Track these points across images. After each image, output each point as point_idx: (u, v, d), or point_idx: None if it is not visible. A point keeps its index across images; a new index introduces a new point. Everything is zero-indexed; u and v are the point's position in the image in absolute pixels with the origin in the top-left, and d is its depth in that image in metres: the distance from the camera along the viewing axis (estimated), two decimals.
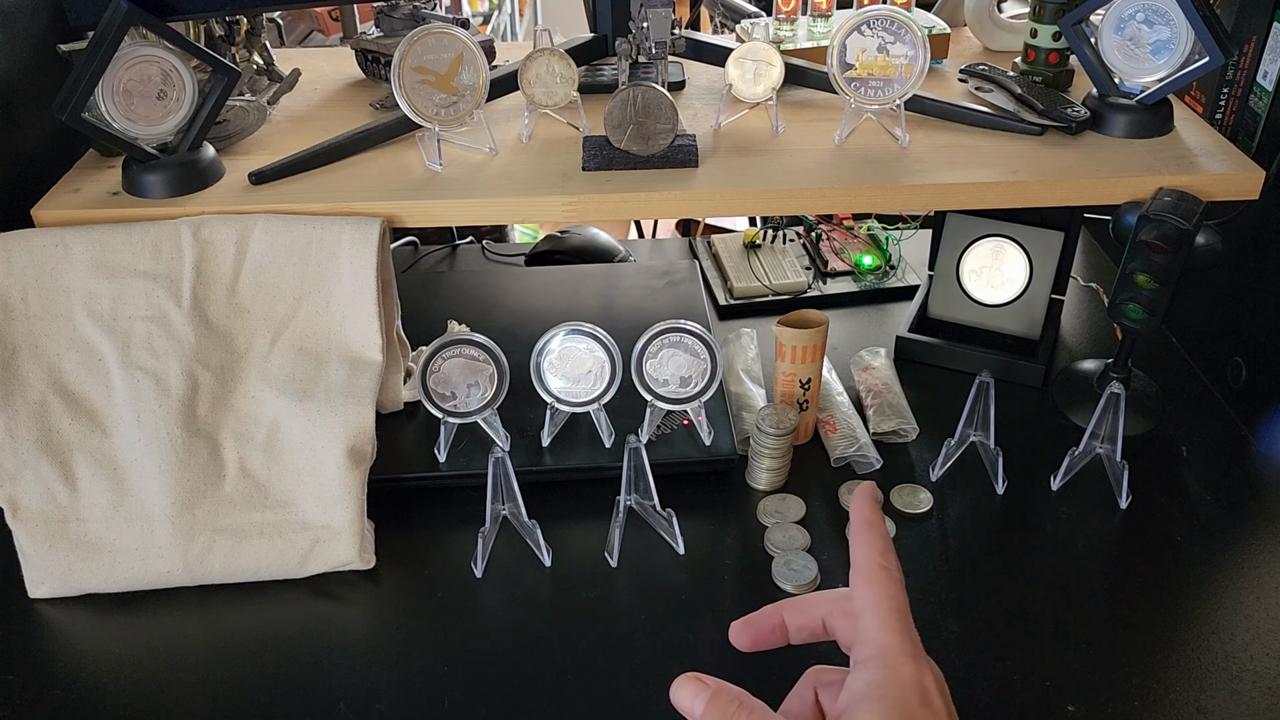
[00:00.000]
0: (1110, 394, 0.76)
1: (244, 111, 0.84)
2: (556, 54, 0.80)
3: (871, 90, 0.79)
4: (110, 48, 0.70)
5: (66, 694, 0.64)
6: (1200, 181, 0.75)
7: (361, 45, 0.96)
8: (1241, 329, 0.85)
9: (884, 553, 0.47)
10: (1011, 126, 0.82)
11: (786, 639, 0.51)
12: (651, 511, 0.75)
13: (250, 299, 0.73)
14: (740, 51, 0.83)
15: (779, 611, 0.51)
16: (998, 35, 1.01)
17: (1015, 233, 0.90)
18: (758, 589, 0.70)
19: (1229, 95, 0.85)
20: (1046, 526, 0.75)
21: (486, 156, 0.81)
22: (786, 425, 0.76)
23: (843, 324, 1.00)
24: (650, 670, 0.65)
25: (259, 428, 0.72)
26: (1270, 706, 0.62)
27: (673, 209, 0.77)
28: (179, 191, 0.75)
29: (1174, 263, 0.74)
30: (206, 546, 0.70)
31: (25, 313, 0.71)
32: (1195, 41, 0.75)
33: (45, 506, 0.70)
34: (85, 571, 0.70)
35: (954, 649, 0.66)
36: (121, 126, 0.73)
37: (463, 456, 0.79)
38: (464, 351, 0.76)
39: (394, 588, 0.72)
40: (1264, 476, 0.80)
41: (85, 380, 0.71)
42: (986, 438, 0.79)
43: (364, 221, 0.73)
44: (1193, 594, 0.70)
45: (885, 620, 0.45)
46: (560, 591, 0.71)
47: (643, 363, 0.76)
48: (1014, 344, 0.92)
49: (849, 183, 0.76)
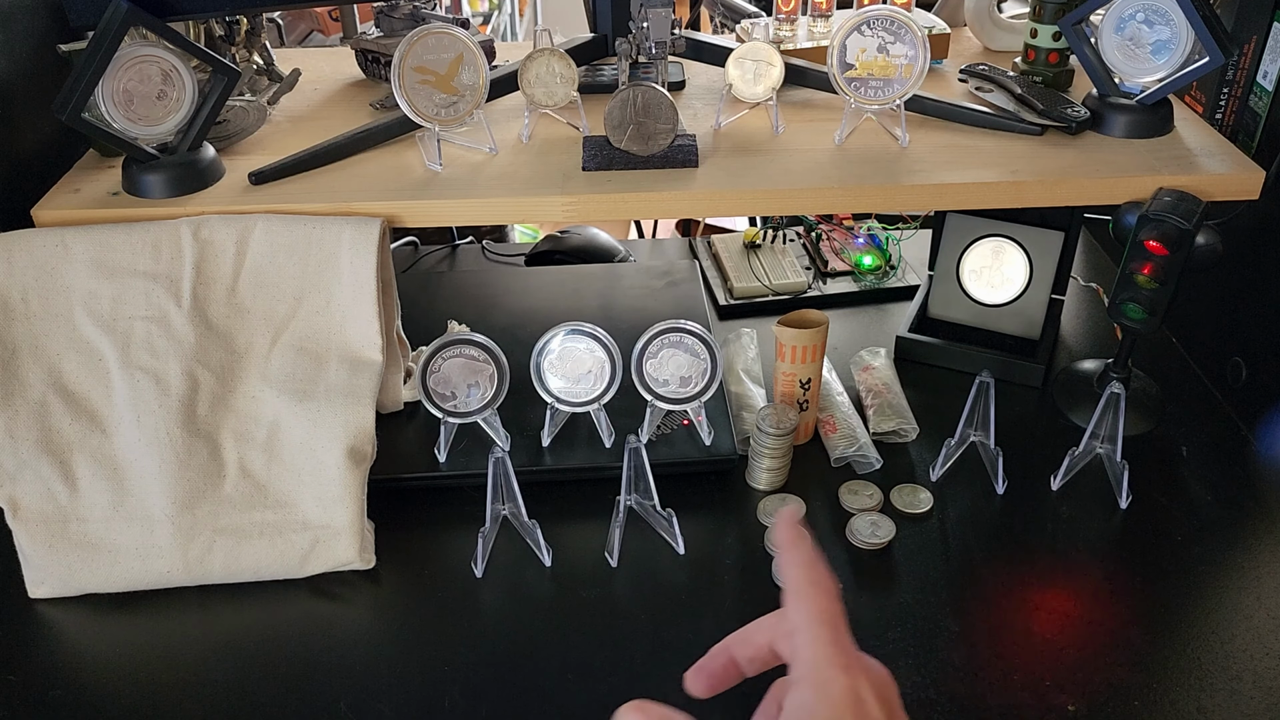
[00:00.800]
0: (1110, 394, 0.76)
1: (244, 111, 0.84)
2: (556, 54, 0.80)
3: (871, 90, 0.79)
4: (110, 48, 0.70)
5: (66, 694, 0.64)
6: (1200, 181, 0.75)
7: (361, 45, 0.96)
8: (1241, 329, 0.85)
9: (809, 567, 0.46)
10: (1011, 126, 0.82)
11: (741, 673, 0.51)
12: (651, 511, 0.75)
13: (250, 299, 0.73)
14: (740, 51, 0.83)
15: (726, 650, 0.50)
16: (998, 35, 1.01)
17: (1015, 233, 0.90)
18: (758, 589, 0.70)
19: (1229, 95, 0.85)
20: (1046, 526, 0.75)
21: (486, 156, 0.81)
22: (786, 425, 0.76)
23: (843, 324, 1.00)
24: (650, 670, 0.65)
25: (259, 428, 0.72)
26: (1270, 706, 0.62)
27: (673, 209, 0.77)
28: (179, 191, 0.75)
29: (1174, 263, 0.74)
30: (206, 546, 0.70)
31: (25, 313, 0.71)
32: (1195, 41, 0.75)
33: (45, 506, 0.70)
34: (85, 571, 0.70)
35: (954, 649, 0.66)
36: (121, 126, 0.73)
37: (463, 456, 0.79)
38: (464, 351, 0.76)
39: (394, 588, 0.72)
40: (1264, 476, 0.80)
41: (85, 380, 0.71)
42: (986, 438, 0.79)
43: (364, 221, 0.73)
44: (1193, 594, 0.70)
45: (815, 635, 0.44)
46: (560, 591, 0.71)
47: (643, 363, 0.76)
48: (1014, 344, 0.92)
49: (849, 183, 0.76)
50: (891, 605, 0.69)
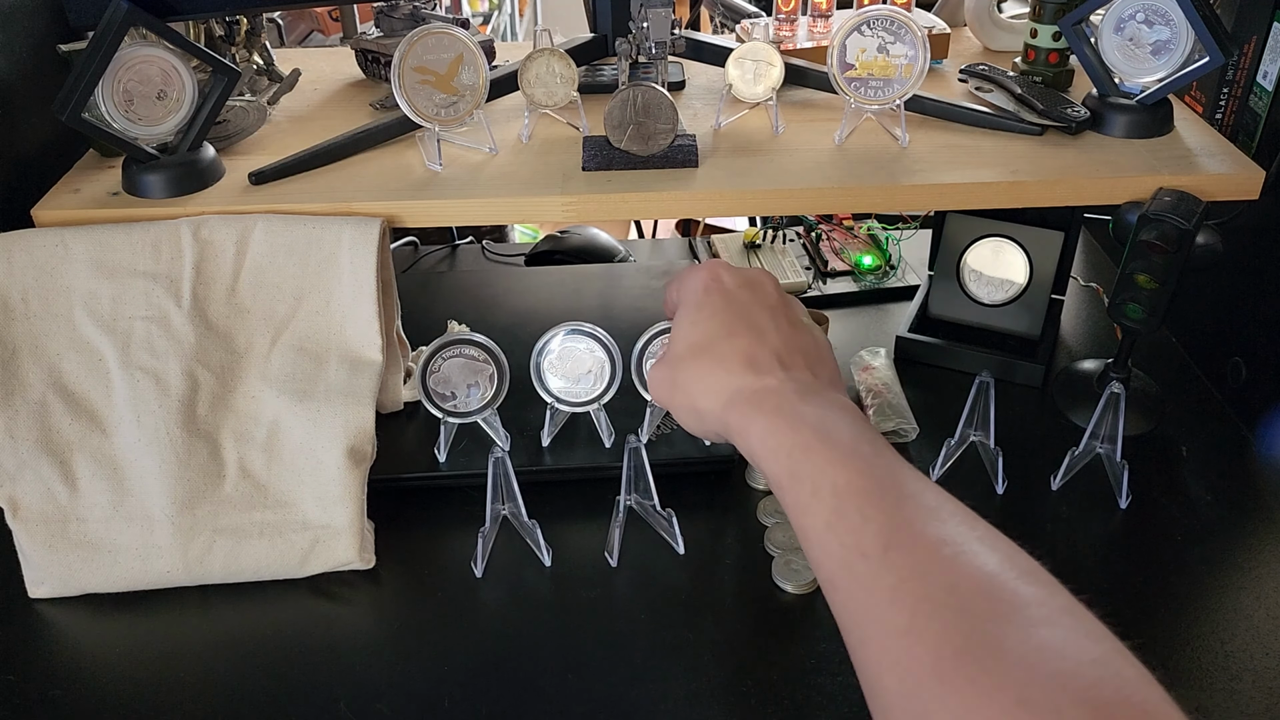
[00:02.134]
0: (1110, 394, 0.76)
1: (244, 111, 0.84)
2: (556, 54, 0.80)
3: (871, 90, 0.79)
4: (110, 48, 0.70)
5: (66, 694, 0.64)
6: (1200, 181, 0.75)
7: (361, 45, 0.96)
8: (1241, 329, 0.85)
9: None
10: (1011, 126, 0.82)
11: None
12: (651, 511, 0.75)
13: (250, 299, 0.73)
14: (740, 51, 0.83)
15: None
16: (998, 35, 1.01)
17: (1015, 233, 0.90)
18: (758, 589, 0.70)
19: (1229, 95, 0.85)
20: (1046, 526, 0.75)
21: (486, 156, 0.81)
22: None
23: (843, 324, 1.00)
24: (650, 670, 0.65)
25: (259, 428, 0.72)
26: (1270, 706, 0.62)
27: (673, 209, 0.77)
28: (179, 191, 0.75)
29: (1174, 263, 0.74)
30: (206, 546, 0.70)
31: (25, 313, 0.71)
32: (1195, 41, 0.75)
33: (45, 506, 0.70)
34: (85, 571, 0.70)
35: None
36: (121, 127, 0.73)
37: (463, 456, 0.79)
38: (464, 351, 0.76)
39: (394, 588, 0.72)
40: (1264, 476, 0.80)
41: (85, 380, 0.71)
42: (986, 438, 0.79)
43: (364, 221, 0.73)
44: (1193, 594, 0.70)
45: (677, 275, 0.58)
46: (560, 591, 0.71)
47: (643, 363, 0.76)
48: (1014, 344, 0.92)
49: (849, 183, 0.76)
50: None
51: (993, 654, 0.36)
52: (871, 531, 0.42)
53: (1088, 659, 0.36)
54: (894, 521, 0.42)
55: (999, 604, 0.38)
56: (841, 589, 0.42)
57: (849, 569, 0.42)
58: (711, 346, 0.52)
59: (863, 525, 0.42)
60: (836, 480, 0.44)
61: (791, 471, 0.46)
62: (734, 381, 0.51)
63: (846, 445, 0.45)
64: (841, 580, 0.42)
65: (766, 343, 0.52)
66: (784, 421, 0.47)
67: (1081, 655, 0.36)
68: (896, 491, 0.43)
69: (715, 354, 0.52)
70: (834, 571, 0.42)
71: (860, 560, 0.41)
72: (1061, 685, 0.34)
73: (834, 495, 0.43)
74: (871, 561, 0.41)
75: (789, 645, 0.66)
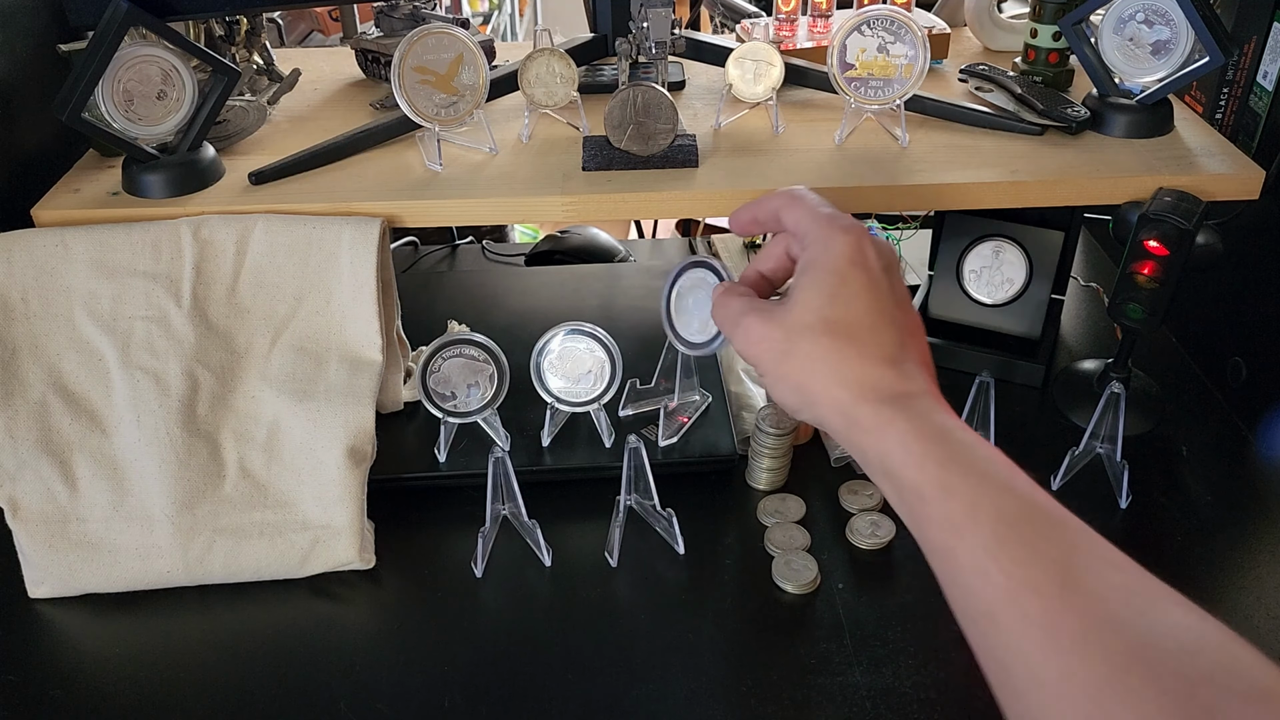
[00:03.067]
0: (1110, 394, 0.76)
1: (244, 111, 0.84)
2: (556, 54, 0.80)
3: (871, 90, 0.79)
4: (110, 48, 0.70)
5: (66, 694, 0.64)
6: (1200, 181, 0.75)
7: (361, 45, 0.96)
8: (1241, 329, 0.85)
9: (787, 194, 0.54)
10: (1011, 126, 0.82)
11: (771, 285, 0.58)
12: (651, 511, 0.75)
13: (250, 299, 0.73)
14: (740, 51, 0.83)
15: (754, 269, 0.58)
16: (998, 35, 1.01)
17: (1015, 233, 0.90)
18: (758, 589, 0.70)
19: (1229, 95, 0.85)
20: None
21: (486, 156, 0.81)
22: (786, 425, 0.76)
23: None
24: (650, 670, 0.65)
25: (259, 428, 0.72)
26: None
27: (673, 209, 0.77)
28: (179, 191, 0.75)
29: (1174, 263, 0.74)
30: (206, 546, 0.70)
31: (25, 313, 0.71)
32: (1195, 41, 0.75)
33: (45, 506, 0.70)
34: (85, 571, 0.70)
35: (954, 650, 0.66)
36: (121, 126, 0.73)
37: (463, 456, 0.79)
38: (464, 351, 0.76)
39: (394, 588, 0.72)
40: (1264, 476, 0.80)
41: (85, 380, 0.71)
42: (986, 438, 0.79)
43: (364, 221, 0.73)
44: (1193, 594, 0.69)
45: (815, 217, 0.51)
46: (560, 591, 0.71)
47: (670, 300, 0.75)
48: (1014, 344, 0.92)
49: (849, 183, 0.76)
50: (891, 605, 0.69)
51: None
52: (1041, 566, 0.38)
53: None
54: (1069, 560, 0.38)
55: (1209, 668, 0.35)
56: (1005, 626, 0.38)
57: (1018, 604, 0.38)
58: (854, 332, 0.48)
59: (1031, 558, 0.39)
60: (1000, 505, 0.41)
61: (944, 484, 0.42)
62: (872, 375, 0.47)
63: (1002, 469, 0.42)
64: (1006, 616, 0.38)
65: (908, 343, 0.48)
66: (930, 430, 0.44)
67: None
68: (1064, 526, 0.40)
69: (857, 341, 0.47)
70: (994, 604, 0.39)
71: (1033, 597, 0.38)
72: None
73: (997, 520, 0.40)
74: (1049, 600, 0.37)
75: (789, 645, 0.66)
